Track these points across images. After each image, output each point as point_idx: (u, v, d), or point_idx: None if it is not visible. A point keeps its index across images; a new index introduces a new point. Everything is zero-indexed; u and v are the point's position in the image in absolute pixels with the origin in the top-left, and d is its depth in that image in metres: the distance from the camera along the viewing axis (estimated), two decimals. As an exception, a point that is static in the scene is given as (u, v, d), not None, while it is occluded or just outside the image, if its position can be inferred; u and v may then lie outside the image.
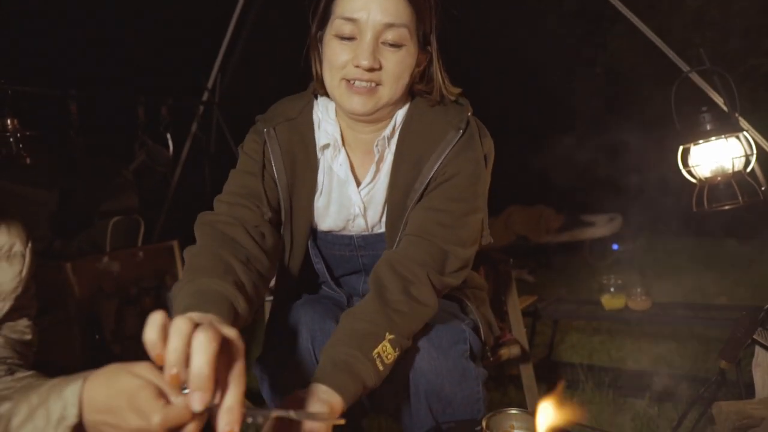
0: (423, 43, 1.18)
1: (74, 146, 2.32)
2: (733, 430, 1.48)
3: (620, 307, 2.28)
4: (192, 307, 0.87)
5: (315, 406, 0.92)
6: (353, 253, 1.31)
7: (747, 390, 1.65)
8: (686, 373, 2.22)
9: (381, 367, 1.02)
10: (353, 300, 1.37)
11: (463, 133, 1.20)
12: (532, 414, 1.17)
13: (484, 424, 1.16)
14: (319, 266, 1.33)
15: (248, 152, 1.27)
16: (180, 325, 0.71)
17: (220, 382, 0.70)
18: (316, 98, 1.30)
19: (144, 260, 2.29)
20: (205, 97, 2.96)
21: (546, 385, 2.11)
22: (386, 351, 1.03)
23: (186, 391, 0.69)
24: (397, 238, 1.21)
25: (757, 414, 1.47)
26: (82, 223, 2.40)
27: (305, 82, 1.31)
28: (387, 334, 1.03)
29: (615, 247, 4.19)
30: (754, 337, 1.57)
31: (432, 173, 1.19)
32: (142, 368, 0.71)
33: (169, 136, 2.58)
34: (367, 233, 1.29)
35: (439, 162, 1.19)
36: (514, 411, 1.20)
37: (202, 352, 0.69)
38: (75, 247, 2.39)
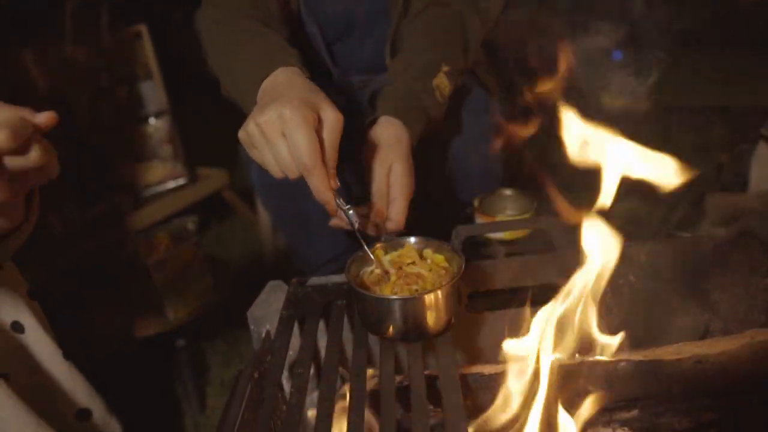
0: None
1: None
2: (722, 221, 1.47)
3: (620, 107, 2.17)
4: (262, 73, 0.85)
5: (386, 130, 0.94)
6: (345, 5, 1.19)
7: (743, 188, 1.63)
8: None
9: (441, 99, 1.01)
10: (349, 80, 1.26)
11: None
12: (526, 194, 1.13)
13: (476, 203, 1.13)
14: (312, 29, 1.20)
15: None
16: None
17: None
18: None
19: (112, 47, 2.09)
20: None
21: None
22: (443, 83, 1.02)
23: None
24: None
25: (748, 206, 1.45)
26: (38, 5, 2.15)
27: None
28: (443, 65, 1.02)
29: (618, 55, 3.95)
30: (761, 130, 1.50)
31: None
32: None
33: None
34: None
35: None
36: (508, 191, 1.16)
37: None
38: (33, 32, 2.17)
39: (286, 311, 0.83)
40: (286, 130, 0.73)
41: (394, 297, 0.71)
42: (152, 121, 2.06)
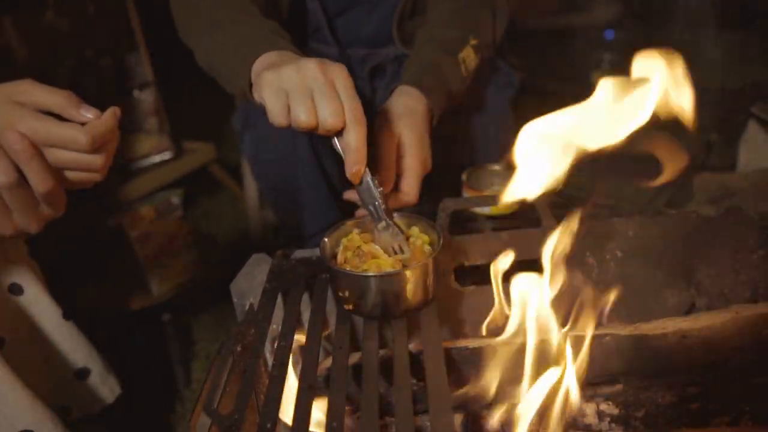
0: None
1: None
2: (710, 200, 1.47)
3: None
4: (261, 50, 0.81)
5: (400, 99, 0.92)
6: None
7: (731, 168, 1.63)
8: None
9: (465, 73, 1.00)
10: (350, 54, 1.24)
11: None
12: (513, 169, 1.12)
13: (464, 176, 1.11)
14: (313, 4, 1.17)
15: None
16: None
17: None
18: None
19: (95, 17, 2.04)
20: None
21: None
22: (470, 56, 1.00)
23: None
24: None
25: (735, 186, 1.46)
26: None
27: None
28: (470, 38, 1.01)
29: (609, 34, 3.93)
30: (752, 109, 1.50)
31: None
32: (21, 89, 0.61)
33: None
34: None
35: None
36: (496, 167, 1.14)
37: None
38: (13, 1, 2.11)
39: (270, 284, 0.82)
40: (338, 82, 0.70)
41: (369, 274, 0.69)
42: (137, 93, 2.02)
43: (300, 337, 0.76)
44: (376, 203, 0.75)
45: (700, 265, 0.85)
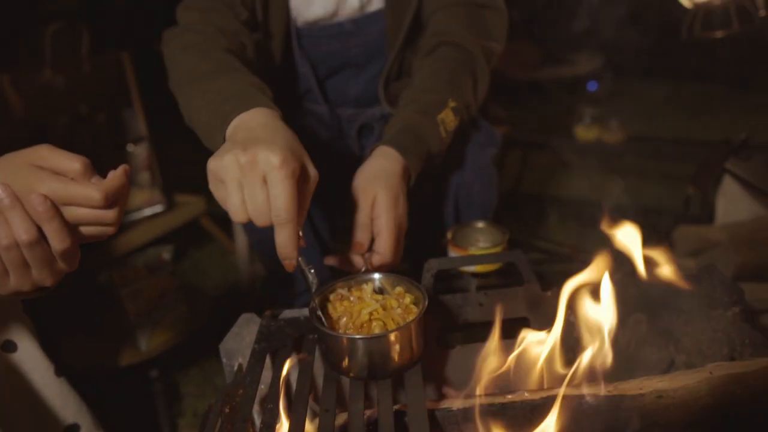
0: None
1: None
2: (690, 252, 1.51)
3: (593, 139, 2.23)
4: (238, 108, 0.82)
5: (377, 161, 0.94)
6: (342, 44, 1.21)
7: (710, 220, 1.67)
8: (655, 206, 2.25)
9: (444, 134, 1.02)
10: (339, 114, 1.29)
11: None
12: (500, 227, 1.16)
13: (449, 235, 1.14)
14: (304, 69, 1.22)
15: None
16: None
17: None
18: None
19: (92, 74, 2.09)
20: None
21: (512, 216, 2.12)
22: (449, 117, 1.03)
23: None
24: (408, 15, 1.15)
25: (714, 238, 1.50)
26: (16, 29, 2.16)
27: None
28: (450, 101, 1.03)
29: (592, 86, 4.07)
30: (726, 165, 1.55)
31: None
32: (40, 154, 0.65)
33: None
34: (358, 16, 1.18)
35: None
36: (481, 224, 1.18)
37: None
38: (12, 57, 2.17)
39: (258, 345, 0.83)
40: (270, 177, 0.70)
41: (357, 336, 0.71)
42: (131, 147, 2.06)
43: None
44: (312, 288, 0.78)
45: (678, 323, 0.87)
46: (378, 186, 0.90)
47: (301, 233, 0.75)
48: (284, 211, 0.70)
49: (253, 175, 0.70)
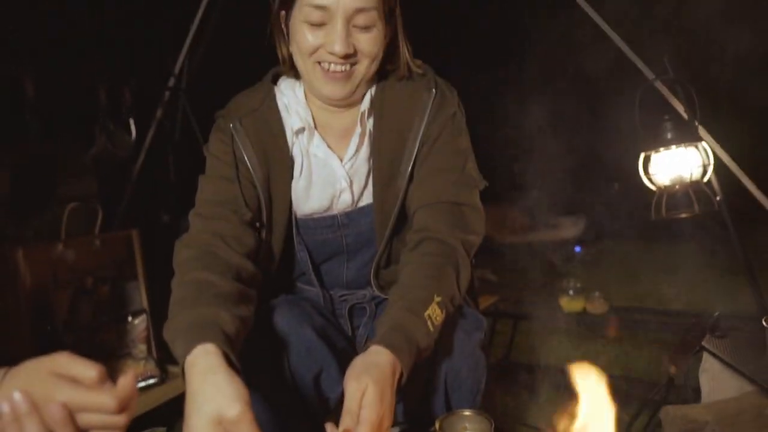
0: (388, 17, 1.18)
1: (29, 127, 2.23)
2: (679, 434, 1.52)
3: (579, 311, 2.31)
4: (190, 343, 0.92)
5: (369, 357, 0.99)
6: (336, 234, 1.32)
7: (695, 395, 1.70)
8: (640, 376, 2.27)
9: (431, 329, 1.07)
10: (332, 295, 1.37)
11: (436, 92, 1.23)
12: (486, 416, 1.18)
13: (437, 425, 1.17)
14: (302, 254, 1.32)
15: (216, 154, 1.25)
16: None
17: None
18: (276, 84, 1.29)
19: (101, 249, 2.21)
20: (171, 82, 2.88)
21: (504, 386, 2.13)
22: (435, 313, 1.08)
23: None
24: (394, 211, 1.25)
25: (701, 419, 1.51)
26: (36, 208, 2.31)
27: (271, 64, 1.30)
28: (435, 296, 1.09)
29: (577, 249, 4.25)
30: (703, 343, 1.61)
31: (419, 138, 1.22)
32: (59, 362, 0.71)
33: (131, 121, 2.50)
34: (350, 209, 1.30)
35: (423, 126, 1.23)
36: (467, 412, 1.21)
37: None
38: (30, 232, 2.30)
39: None
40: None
41: None
42: (130, 319, 2.12)
43: None
44: None
45: None
46: (369, 379, 0.96)
47: None
48: None
49: None
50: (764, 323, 1.44)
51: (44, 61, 2.40)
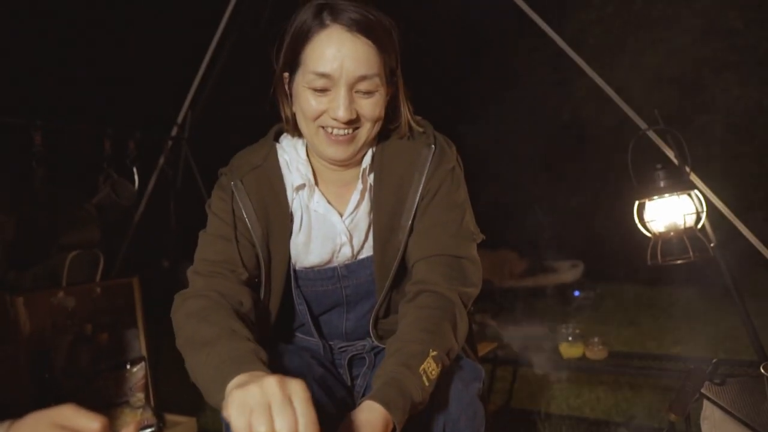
0: (390, 79, 1.21)
1: (36, 176, 2.27)
2: (682, 484, 1.50)
3: (578, 356, 2.31)
4: (232, 373, 0.92)
5: (363, 413, 0.98)
6: (336, 286, 1.33)
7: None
8: (641, 422, 2.25)
9: (426, 383, 1.06)
10: (331, 346, 1.37)
11: (435, 148, 1.26)
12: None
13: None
14: (301, 306, 1.33)
15: (217, 213, 1.27)
16: None
17: None
18: (278, 142, 1.32)
19: (101, 296, 2.23)
20: (174, 132, 2.95)
21: (504, 433, 2.11)
22: (430, 367, 1.08)
23: None
24: (394, 264, 1.25)
25: (706, 468, 1.50)
26: (39, 255, 2.33)
27: (272, 122, 1.33)
28: (431, 350, 1.08)
29: (576, 293, 4.26)
30: (702, 391, 1.61)
31: (419, 193, 1.24)
32: (64, 415, 0.72)
33: (135, 170, 2.55)
34: (350, 262, 1.30)
35: (423, 180, 1.24)
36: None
37: None
38: (30, 279, 2.32)
39: None
40: (296, 399, 0.80)
41: None
42: (128, 367, 2.11)
43: None
44: None
45: None
46: None
47: None
48: (310, 423, 0.79)
49: (281, 397, 0.80)
50: (762, 371, 1.45)
51: (51, 114, 2.46)
